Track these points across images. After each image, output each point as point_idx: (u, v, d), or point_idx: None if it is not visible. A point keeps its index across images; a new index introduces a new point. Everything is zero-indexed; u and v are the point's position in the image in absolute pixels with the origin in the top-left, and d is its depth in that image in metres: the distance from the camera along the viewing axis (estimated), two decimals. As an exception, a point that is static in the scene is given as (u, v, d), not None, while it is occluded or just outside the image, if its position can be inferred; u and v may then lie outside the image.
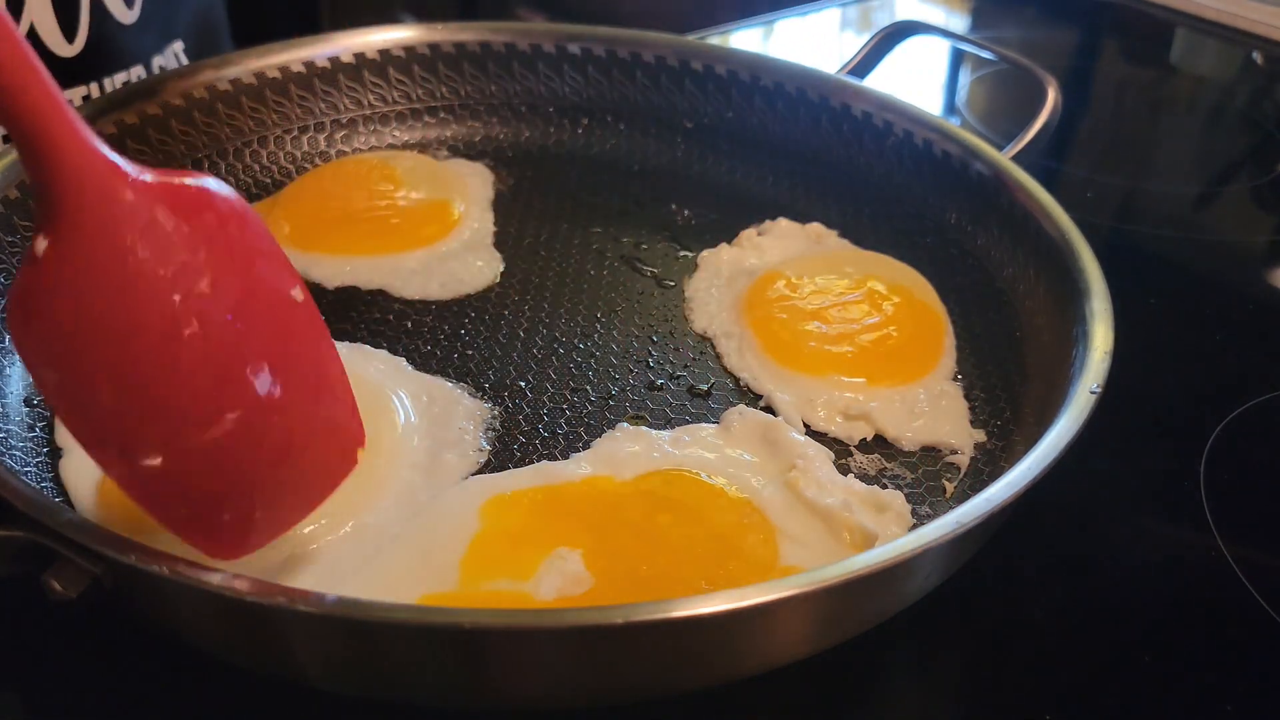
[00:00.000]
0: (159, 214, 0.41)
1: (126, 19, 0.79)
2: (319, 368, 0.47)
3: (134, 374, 0.41)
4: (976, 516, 0.46)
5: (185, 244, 0.42)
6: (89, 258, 0.40)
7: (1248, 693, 0.54)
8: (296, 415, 0.46)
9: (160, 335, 0.41)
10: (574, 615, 0.43)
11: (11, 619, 0.52)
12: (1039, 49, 1.25)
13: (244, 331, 0.43)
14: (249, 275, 0.44)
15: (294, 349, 0.46)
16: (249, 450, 0.44)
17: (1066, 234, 0.66)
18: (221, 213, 0.44)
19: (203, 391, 0.42)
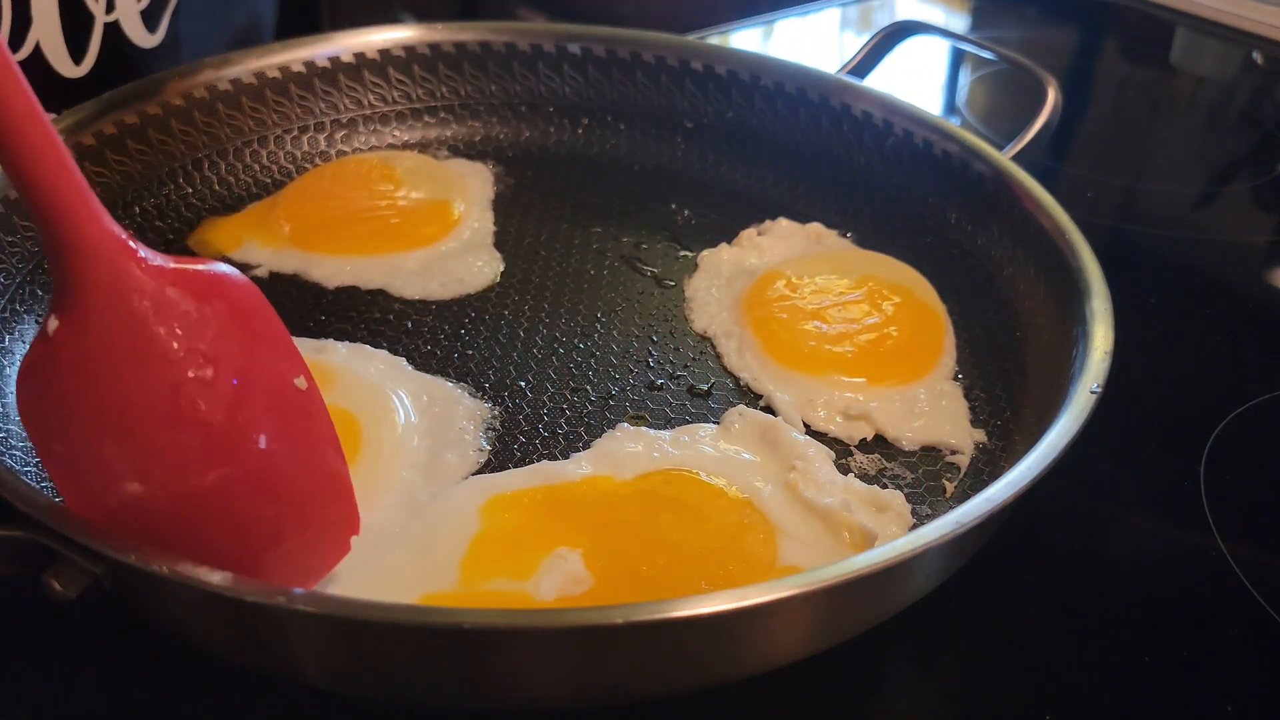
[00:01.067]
0: (170, 298, 0.43)
1: (146, 42, 0.78)
2: (315, 455, 0.48)
3: (133, 452, 0.43)
4: (977, 516, 0.46)
5: (193, 329, 0.43)
6: (98, 339, 0.42)
7: (1248, 693, 0.54)
8: (287, 499, 0.47)
9: (161, 417, 0.43)
10: (575, 615, 0.43)
11: (11, 619, 0.52)
12: (1039, 49, 1.25)
13: (243, 420, 0.44)
14: (253, 362, 0.46)
15: (291, 435, 0.47)
16: (238, 528, 0.45)
17: (1067, 234, 0.66)
18: (232, 300, 0.46)
19: (196, 471, 0.44)
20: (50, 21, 0.71)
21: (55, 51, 0.71)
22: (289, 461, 0.46)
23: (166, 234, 0.75)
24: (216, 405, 0.44)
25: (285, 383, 0.47)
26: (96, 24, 0.74)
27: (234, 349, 0.45)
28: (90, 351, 0.42)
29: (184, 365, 0.43)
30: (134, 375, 0.42)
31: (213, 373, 0.44)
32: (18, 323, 0.65)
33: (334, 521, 0.49)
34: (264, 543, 0.46)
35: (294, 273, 0.73)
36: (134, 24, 0.77)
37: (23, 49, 0.70)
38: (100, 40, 0.74)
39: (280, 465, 0.46)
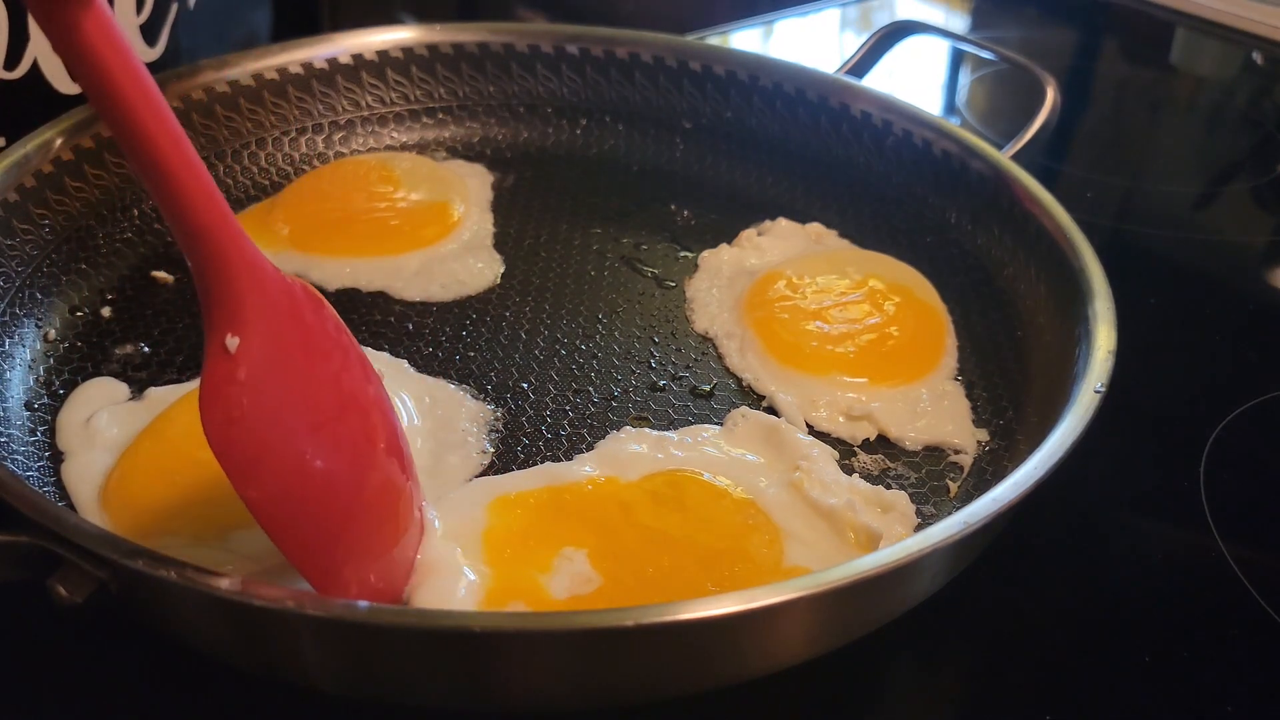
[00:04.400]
0: (305, 303, 0.48)
1: (146, 57, 0.78)
2: (394, 434, 0.52)
3: (323, 444, 0.46)
4: (984, 517, 0.46)
5: (327, 329, 0.49)
6: (277, 346, 0.45)
7: (1248, 693, 0.54)
8: (384, 479, 0.50)
9: (336, 409, 0.47)
10: (584, 618, 0.43)
11: (17, 625, 0.52)
12: (1039, 49, 1.25)
13: (367, 406, 0.50)
14: (354, 357, 0.51)
15: (379, 415, 0.51)
16: (390, 519, 0.49)
17: (1068, 233, 0.66)
18: (325, 307, 0.50)
19: (367, 454, 0.48)
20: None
21: (53, 69, 0.71)
22: (378, 441, 0.50)
23: (165, 236, 0.75)
24: (362, 390, 0.49)
25: (370, 370, 0.52)
26: None
27: (346, 346, 0.50)
28: (269, 357, 0.44)
29: (336, 360, 0.48)
30: (311, 373, 0.47)
31: (353, 364, 0.49)
32: (17, 326, 0.65)
33: (406, 492, 0.52)
34: (382, 514, 0.49)
35: (293, 274, 0.72)
36: (133, 38, 0.76)
37: (20, 66, 0.69)
38: None
39: (381, 444, 0.50)
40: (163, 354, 0.66)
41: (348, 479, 0.47)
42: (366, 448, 0.48)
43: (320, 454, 0.45)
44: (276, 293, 0.46)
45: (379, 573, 0.48)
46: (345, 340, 0.50)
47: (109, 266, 0.72)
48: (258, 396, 0.44)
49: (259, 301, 0.44)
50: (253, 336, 0.44)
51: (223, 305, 0.44)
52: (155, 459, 0.55)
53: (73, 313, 0.68)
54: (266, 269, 0.45)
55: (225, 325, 0.43)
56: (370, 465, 0.48)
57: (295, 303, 0.47)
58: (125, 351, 0.66)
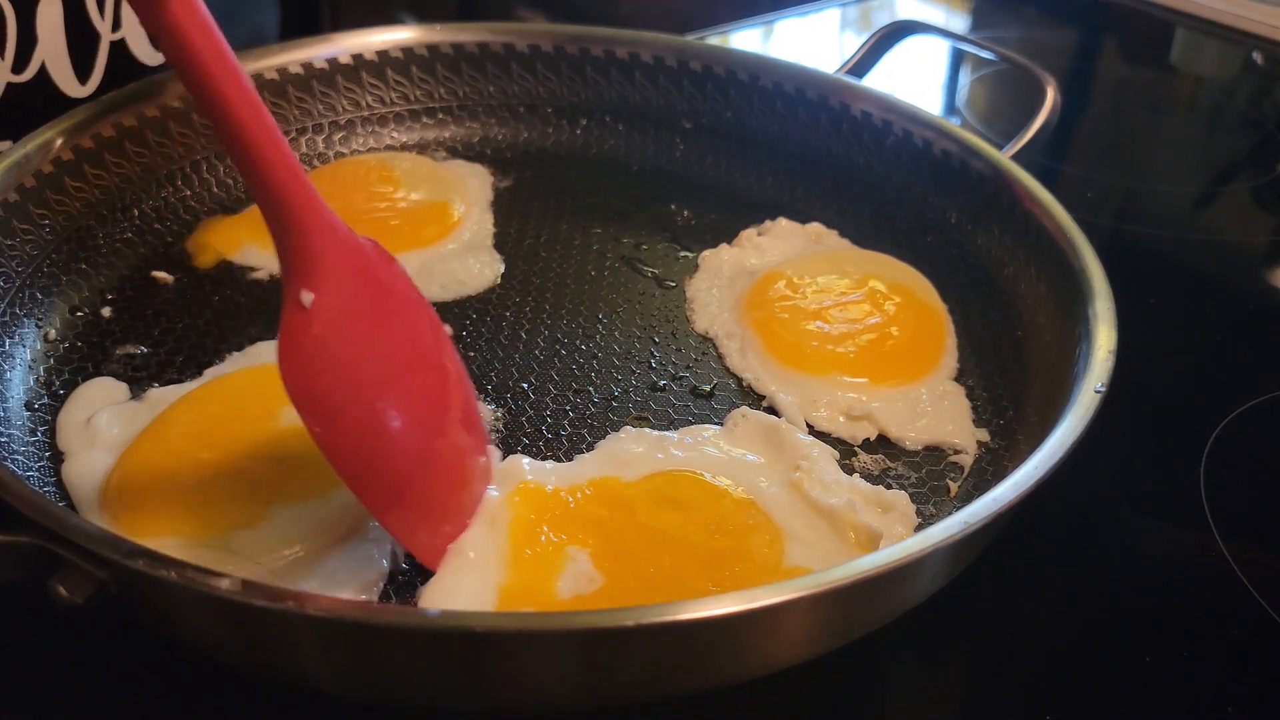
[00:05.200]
0: (378, 259, 0.49)
1: (153, 60, 0.78)
2: (463, 386, 0.54)
3: (395, 397, 0.47)
4: (984, 517, 0.46)
5: (399, 285, 0.51)
6: (352, 300, 0.47)
7: (1248, 693, 0.54)
8: (451, 430, 0.52)
9: (408, 362, 0.49)
10: (585, 618, 0.43)
11: (18, 625, 0.52)
12: (1039, 49, 1.25)
13: (436, 360, 0.52)
14: (423, 314, 0.52)
15: (450, 364, 0.53)
16: (443, 457, 0.51)
17: (1068, 233, 0.66)
18: (395, 265, 0.52)
19: (439, 411, 0.50)
20: (56, 40, 0.70)
21: (61, 71, 0.71)
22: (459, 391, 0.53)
23: (165, 236, 0.75)
24: (432, 346, 0.50)
25: (438, 322, 0.53)
26: (103, 42, 0.74)
27: (415, 301, 0.51)
28: (343, 312, 0.46)
29: (406, 316, 0.49)
30: (381, 328, 0.48)
31: (423, 320, 0.50)
32: (17, 326, 0.65)
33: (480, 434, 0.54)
34: (453, 459, 0.51)
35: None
36: (140, 41, 0.76)
37: (28, 69, 0.69)
38: (106, 59, 0.74)
39: (456, 393, 0.52)
40: (163, 354, 0.66)
41: (417, 429, 0.48)
42: (435, 398, 0.50)
43: (391, 405, 0.47)
44: (350, 251, 0.47)
45: (442, 517, 0.50)
46: (415, 297, 0.52)
47: (109, 266, 0.72)
48: (331, 348, 0.46)
49: (333, 258, 0.46)
50: (327, 291, 0.46)
51: (298, 261, 0.46)
52: (155, 459, 0.55)
53: (73, 313, 0.68)
54: (340, 228, 0.47)
55: (301, 280, 0.46)
56: (438, 415, 0.50)
57: (367, 261, 0.49)
58: (125, 351, 0.66)
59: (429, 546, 0.50)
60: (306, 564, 0.52)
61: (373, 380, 0.47)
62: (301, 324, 0.46)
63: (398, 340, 0.50)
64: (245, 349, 0.66)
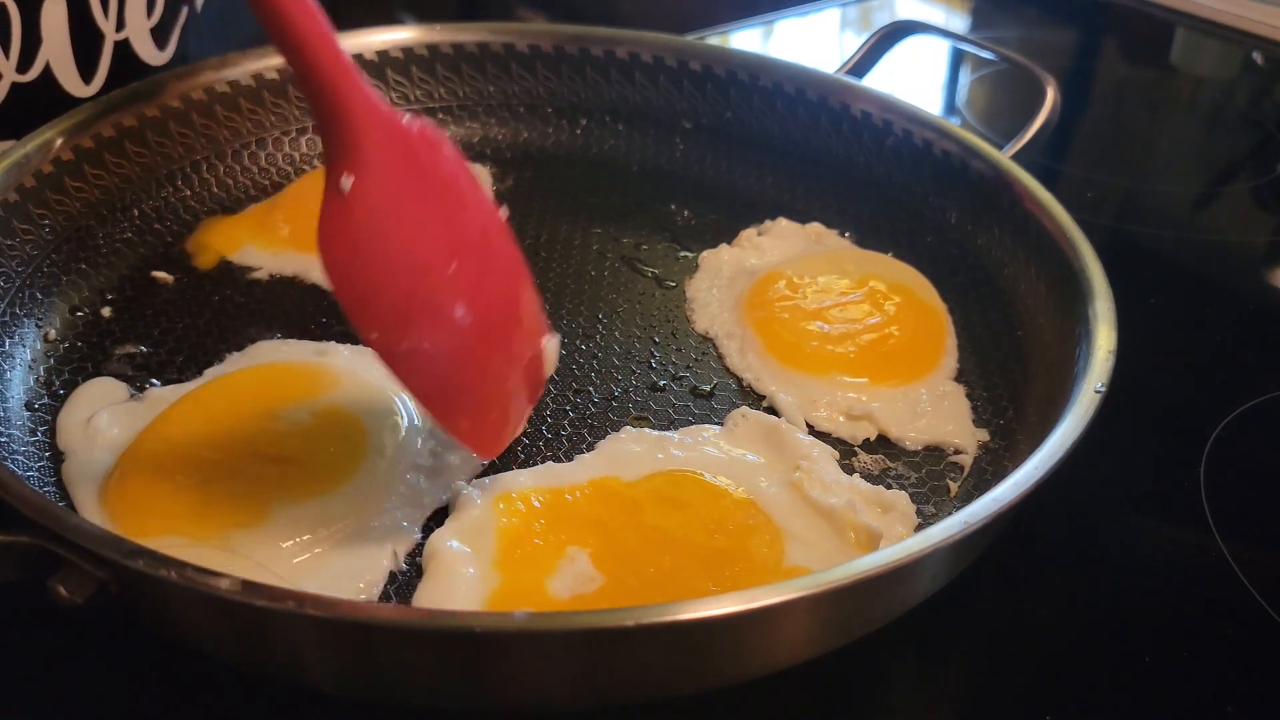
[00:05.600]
0: (423, 143, 0.47)
1: (157, 60, 0.78)
2: (522, 271, 0.51)
3: (431, 285, 0.46)
4: (984, 517, 0.46)
5: (445, 169, 0.48)
6: (391, 185, 0.45)
7: (1248, 693, 0.54)
8: (505, 314, 0.50)
9: (448, 248, 0.47)
10: (585, 618, 0.43)
11: (18, 625, 0.52)
12: (1039, 49, 1.25)
13: (487, 244, 0.49)
14: (472, 197, 0.50)
15: (504, 249, 0.51)
16: (491, 345, 0.49)
17: (1068, 233, 0.66)
18: (443, 147, 0.49)
19: (477, 299, 0.48)
20: (60, 40, 0.70)
21: (65, 71, 0.71)
22: (509, 277, 0.51)
23: (165, 236, 0.75)
24: (477, 234, 0.48)
25: (493, 208, 0.51)
26: (107, 42, 0.74)
27: (466, 186, 0.49)
28: (386, 197, 0.45)
29: (459, 197, 0.48)
30: (423, 213, 0.46)
31: (471, 203, 0.48)
32: (17, 326, 0.65)
33: (537, 324, 0.53)
34: (506, 353, 0.50)
35: (294, 275, 0.73)
36: (144, 42, 0.76)
37: (32, 69, 0.69)
38: (110, 59, 0.74)
39: (504, 283, 0.51)
40: (163, 354, 0.66)
41: (471, 314, 0.47)
42: (490, 281, 0.49)
43: (441, 289, 0.46)
44: (394, 133, 0.46)
45: (501, 406, 0.49)
46: (467, 179, 0.50)
47: (109, 266, 0.72)
48: (372, 233, 0.45)
49: (375, 141, 0.45)
50: (368, 176, 0.45)
51: (339, 146, 0.45)
52: (155, 459, 0.55)
53: (73, 313, 0.68)
54: (383, 111, 0.46)
55: (341, 165, 0.44)
56: (494, 299, 0.49)
57: (414, 143, 0.47)
58: (125, 351, 0.66)
59: (489, 439, 0.49)
60: (307, 564, 0.52)
61: (420, 265, 0.46)
62: (341, 209, 0.45)
63: (448, 223, 0.48)
64: (245, 349, 0.66)
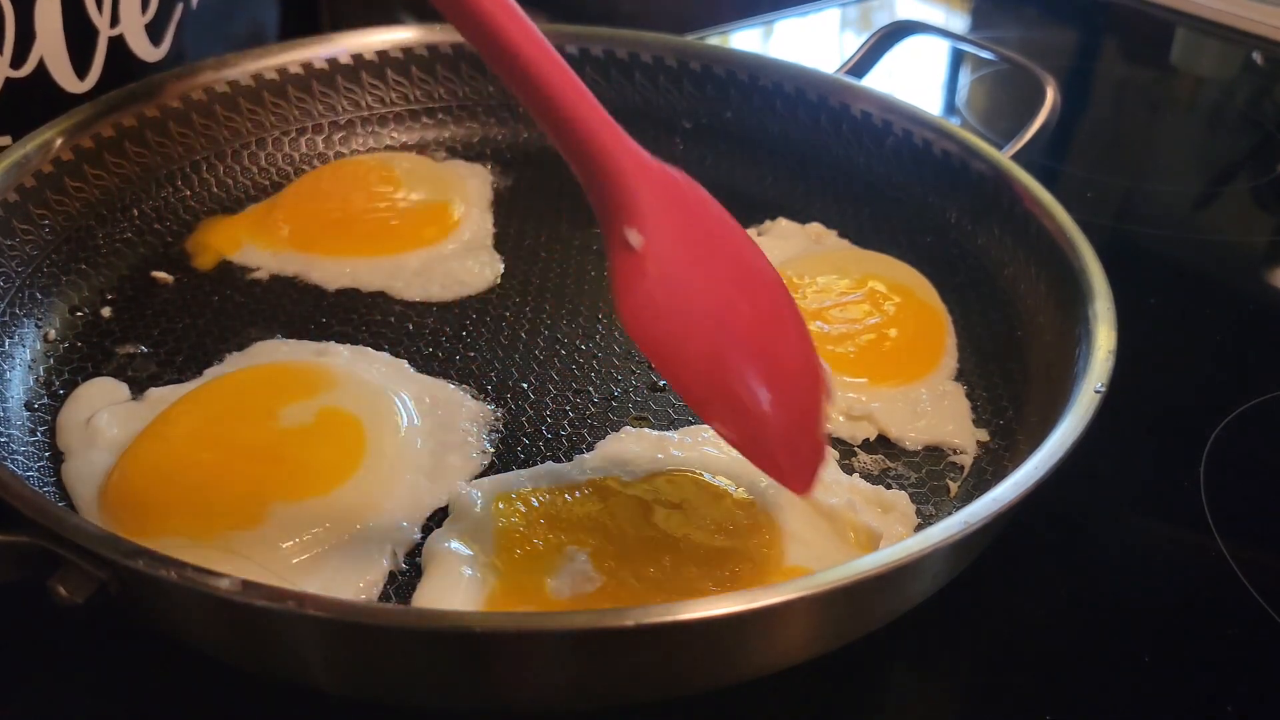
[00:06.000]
0: (689, 191, 0.48)
1: (151, 56, 0.78)
2: (792, 311, 0.51)
3: (735, 328, 0.46)
4: (984, 517, 0.46)
5: (714, 218, 0.48)
6: (679, 237, 0.45)
7: (1248, 693, 0.54)
8: (794, 348, 0.50)
9: (734, 291, 0.47)
10: (584, 618, 0.43)
11: (17, 625, 0.51)
12: (1039, 49, 1.25)
13: (765, 280, 0.49)
14: (741, 236, 0.50)
15: (778, 289, 0.50)
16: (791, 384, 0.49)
17: (1068, 233, 0.66)
18: (700, 189, 0.49)
19: (771, 332, 0.48)
20: (54, 36, 0.70)
21: (59, 67, 0.71)
22: (785, 319, 0.50)
23: (165, 236, 0.75)
24: (758, 266, 0.48)
25: (760, 256, 0.50)
26: (101, 38, 0.74)
27: (732, 228, 0.49)
28: (673, 247, 0.44)
29: (730, 240, 0.47)
30: (707, 259, 0.47)
31: (742, 241, 0.48)
32: (17, 326, 0.65)
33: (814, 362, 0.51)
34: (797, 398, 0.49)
35: (294, 275, 0.73)
36: (138, 38, 0.76)
37: (26, 65, 0.69)
38: (105, 54, 0.74)
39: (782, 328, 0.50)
40: (163, 354, 0.66)
41: (765, 356, 0.47)
42: (775, 322, 0.48)
43: (736, 335, 0.46)
44: (665, 184, 0.46)
45: (805, 443, 0.48)
46: (730, 221, 0.50)
47: (109, 266, 0.72)
48: (666, 283, 0.44)
49: (651, 193, 0.45)
50: (652, 227, 0.44)
51: (617, 200, 0.44)
52: (155, 459, 0.55)
53: (73, 313, 0.68)
54: (650, 161, 0.46)
55: (622, 219, 0.44)
56: (780, 338, 0.48)
57: (682, 192, 0.47)
58: (125, 351, 0.66)
59: (805, 476, 0.49)
60: (306, 564, 0.52)
61: (714, 313, 0.46)
62: (635, 266, 0.44)
63: (726, 267, 0.48)
64: (245, 349, 0.66)
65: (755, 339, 0.47)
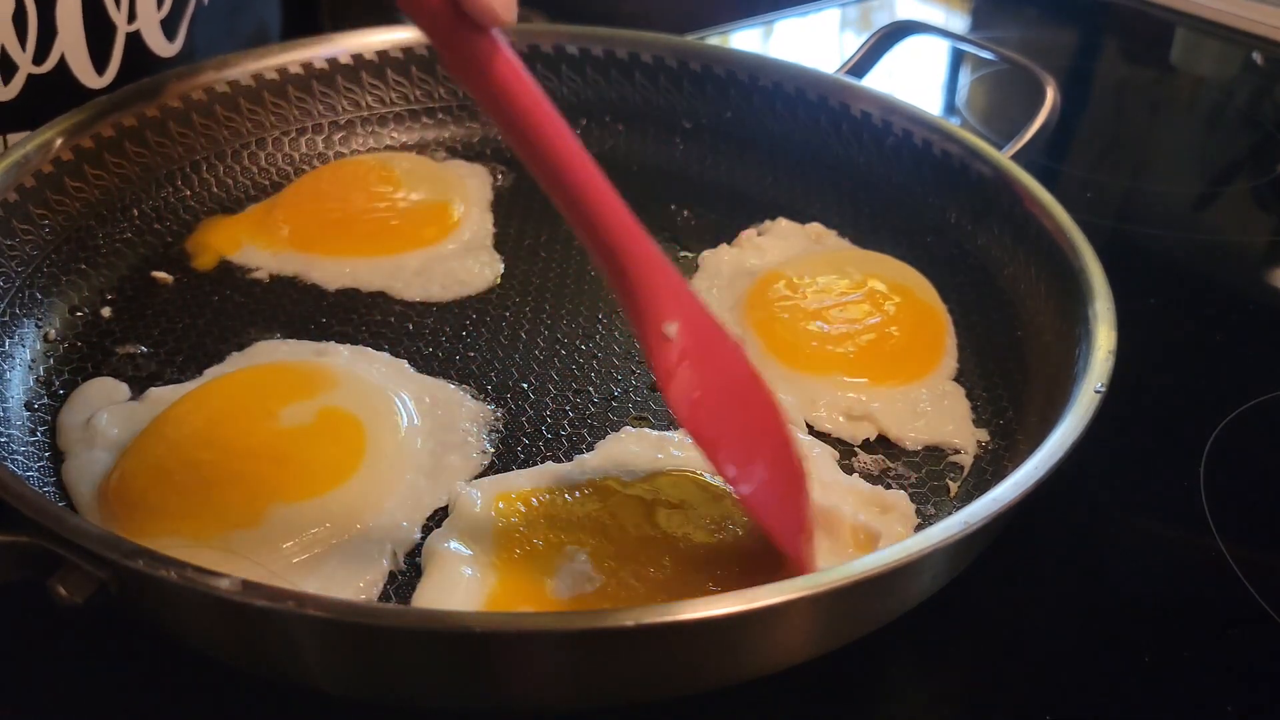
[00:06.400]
0: (696, 302, 0.51)
1: (166, 51, 0.78)
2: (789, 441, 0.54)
3: (753, 412, 0.51)
4: (984, 517, 0.46)
5: (715, 320, 0.52)
6: (698, 331, 0.49)
7: (1248, 693, 0.54)
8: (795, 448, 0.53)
9: (748, 381, 0.51)
10: (584, 618, 0.43)
11: (18, 625, 0.52)
12: (1039, 49, 1.25)
13: (762, 385, 0.53)
14: (736, 344, 0.53)
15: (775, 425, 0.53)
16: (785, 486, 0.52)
17: (1068, 234, 0.66)
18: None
19: (776, 423, 0.52)
20: (75, 32, 0.71)
21: (79, 62, 0.72)
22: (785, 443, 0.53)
23: (165, 236, 0.75)
24: (754, 372, 0.52)
25: (769, 393, 0.53)
26: (119, 34, 0.74)
27: (729, 338, 0.52)
28: (699, 340, 0.49)
29: (731, 342, 0.51)
30: (723, 354, 0.50)
31: (740, 350, 0.52)
32: (17, 326, 0.65)
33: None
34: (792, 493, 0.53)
35: (294, 275, 0.73)
36: (154, 33, 0.77)
37: (48, 61, 0.70)
38: (122, 50, 0.75)
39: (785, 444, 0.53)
40: (163, 354, 0.66)
41: (776, 445, 0.51)
42: (774, 417, 0.52)
43: (754, 420, 0.51)
44: (677, 284, 0.50)
45: (805, 525, 0.52)
46: (726, 330, 0.53)
47: (109, 266, 0.72)
48: (702, 373, 0.48)
49: (675, 291, 0.49)
50: (684, 321, 0.48)
51: (651, 300, 0.48)
52: (155, 459, 0.55)
53: (73, 313, 0.68)
54: (668, 264, 0.49)
55: (659, 315, 0.48)
56: (781, 431, 0.52)
57: (691, 293, 0.51)
58: (125, 351, 0.66)
59: (811, 557, 0.52)
60: (306, 564, 0.52)
61: (735, 400, 0.50)
62: (677, 355, 0.48)
63: (735, 362, 0.52)
64: (245, 349, 0.66)
65: (764, 423, 0.52)
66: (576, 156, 0.47)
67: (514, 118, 0.45)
